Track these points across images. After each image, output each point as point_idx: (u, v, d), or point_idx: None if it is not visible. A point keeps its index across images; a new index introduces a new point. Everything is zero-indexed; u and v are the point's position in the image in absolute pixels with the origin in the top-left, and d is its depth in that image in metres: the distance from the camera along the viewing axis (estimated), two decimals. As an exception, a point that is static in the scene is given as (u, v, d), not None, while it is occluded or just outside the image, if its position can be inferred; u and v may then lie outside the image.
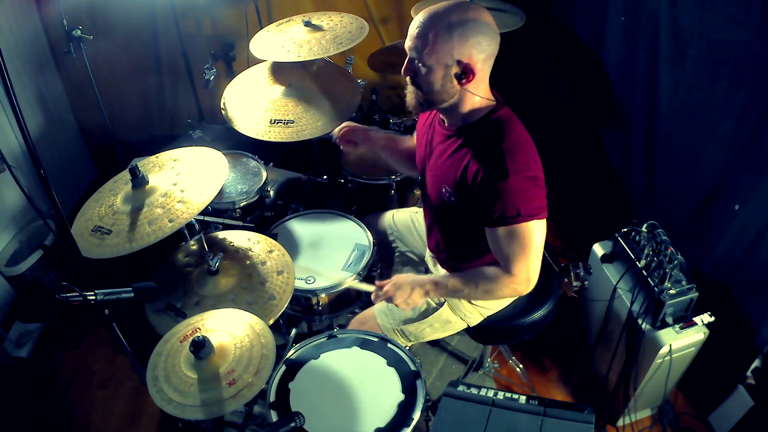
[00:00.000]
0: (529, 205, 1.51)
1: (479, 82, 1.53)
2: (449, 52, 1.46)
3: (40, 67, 3.07)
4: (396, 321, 1.91)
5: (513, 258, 1.57)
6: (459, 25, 1.44)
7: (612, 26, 2.45)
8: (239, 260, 1.90)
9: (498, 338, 2.07)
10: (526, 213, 1.51)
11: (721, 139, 1.99)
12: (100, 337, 2.71)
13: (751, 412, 1.99)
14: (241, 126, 2.24)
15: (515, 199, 1.50)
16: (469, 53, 1.46)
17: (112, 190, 1.78)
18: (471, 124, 1.59)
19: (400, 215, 2.22)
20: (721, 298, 2.07)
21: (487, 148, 1.54)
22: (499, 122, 1.56)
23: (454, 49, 1.45)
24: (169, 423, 2.33)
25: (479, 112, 1.58)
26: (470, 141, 1.58)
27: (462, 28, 1.44)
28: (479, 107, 1.58)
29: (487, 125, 1.57)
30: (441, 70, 1.49)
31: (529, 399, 1.52)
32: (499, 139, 1.53)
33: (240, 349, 1.50)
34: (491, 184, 1.50)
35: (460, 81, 1.51)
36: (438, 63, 1.48)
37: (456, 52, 1.46)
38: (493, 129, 1.56)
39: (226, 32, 3.22)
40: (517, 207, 1.50)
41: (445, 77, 1.50)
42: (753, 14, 1.74)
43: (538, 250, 1.58)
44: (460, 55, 1.46)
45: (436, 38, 1.45)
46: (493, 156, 1.51)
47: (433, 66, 1.48)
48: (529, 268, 1.58)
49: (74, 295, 1.32)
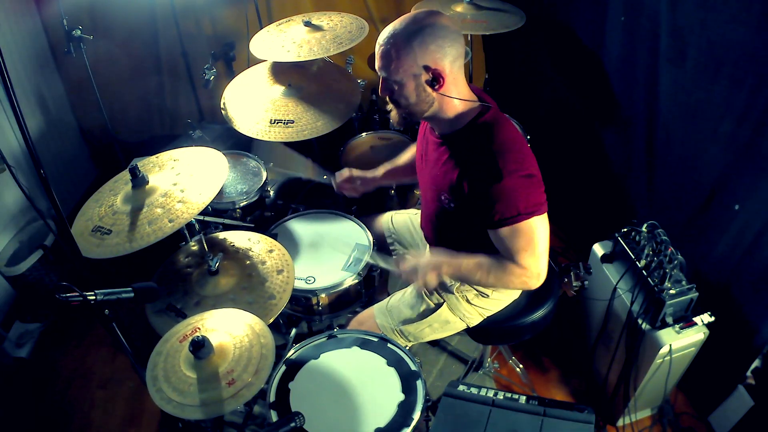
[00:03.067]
0: (528, 202, 1.51)
1: (452, 85, 1.54)
2: (414, 62, 1.48)
3: (40, 67, 3.07)
4: (395, 321, 1.91)
5: (520, 253, 1.58)
6: (417, 34, 1.46)
7: (612, 26, 2.45)
8: (239, 260, 1.90)
9: (498, 338, 2.07)
10: (526, 211, 1.51)
11: (721, 139, 1.99)
12: (100, 337, 2.71)
13: (751, 412, 1.99)
14: (241, 126, 2.24)
15: (513, 199, 1.50)
16: (433, 59, 1.48)
17: (112, 190, 1.79)
18: (459, 131, 1.59)
19: (399, 217, 2.22)
20: (721, 298, 2.07)
21: (477, 153, 1.54)
22: (486, 125, 1.57)
23: (417, 58, 1.47)
24: (169, 423, 2.33)
25: (465, 117, 1.58)
26: (460, 147, 1.59)
27: (420, 36, 1.46)
28: (464, 111, 1.58)
29: (475, 130, 1.57)
30: (412, 82, 1.51)
31: (529, 399, 1.52)
32: (489, 142, 1.53)
33: (239, 349, 1.50)
34: (486, 188, 1.51)
35: (434, 87, 1.52)
36: (406, 75, 1.50)
37: (420, 60, 1.48)
38: (481, 133, 1.56)
39: (226, 32, 3.22)
40: (517, 206, 1.51)
41: (418, 87, 1.52)
42: (753, 14, 1.74)
43: (544, 245, 1.58)
44: (425, 62, 1.48)
45: (399, 52, 1.48)
46: (484, 160, 1.51)
47: (403, 79, 1.51)
48: (537, 261, 1.59)
49: (74, 295, 1.32)
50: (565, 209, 3.05)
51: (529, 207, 1.51)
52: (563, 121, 3.03)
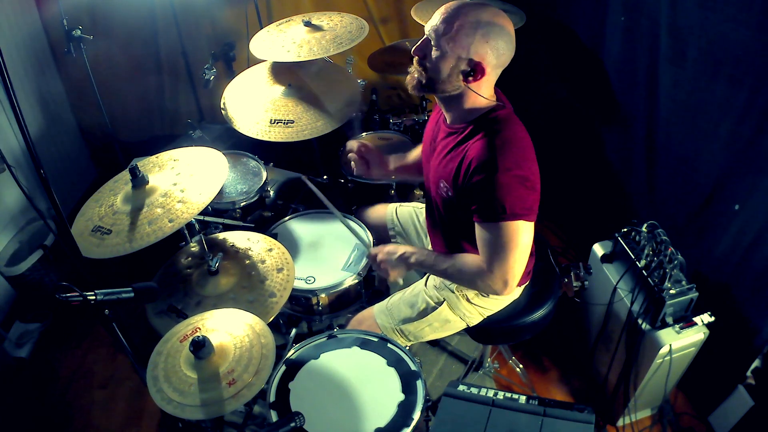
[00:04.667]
0: (515, 204, 1.49)
1: (484, 84, 1.55)
2: (467, 46, 1.48)
3: (40, 67, 3.07)
4: (395, 320, 1.91)
5: (492, 256, 1.56)
6: (486, 25, 1.47)
7: (612, 26, 2.45)
8: (239, 260, 1.90)
9: (498, 338, 2.06)
10: (512, 212, 1.49)
11: (721, 139, 1.99)
12: (100, 337, 2.71)
13: (751, 412, 1.99)
14: (241, 126, 2.24)
15: (501, 195, 1.48)
16: (484, 53, 1.48)
17: (112, 190, 1.79)
18: (470, 122, 1.60)
19: (404, 210, 2.21)
20: (721, 298, 2.07)
21: (480, 142, 1.54)
22: (497, 120, 1.57)
23: (473, 44, 1.47)
24: (169, 423, 2.33)
25: (480, 110, 1.59)
26: (468, 137, 1.59)
27: (487, 28, 1.47)
28: (480, 106, 1.59)
29: (485, 122, 1.58)
30: (452, 60, 1.50)
31: (529, 399, 1.52)
32: (493, 135, 1.53)
33: (240, 349, 1.50)
34: (479, 176, 1.50)
35: (466, 78, 1.52)
36: (453, 52, 1.49)
37: (473, 49, 1.48)
38: (489, 125, 1.56)
39: (226, 32, 3.22)
40: (503, 204, 1.48)
41: (454, 69, 1.51)
42: (753, 14, 1.74)
43: (521, 253, 1.55)
44: (475, 54, 1.48)
45: (461, 28, 1.47)
46: (484, 150, 1.51)
47: (448, 53, 1.50)
48: (507, 269, 1.56)
49: (74, 295, 1.32)
50: (565, 209, 3.06)
51: (515, 209, 1.49)
52: (563, 120, 3.03)
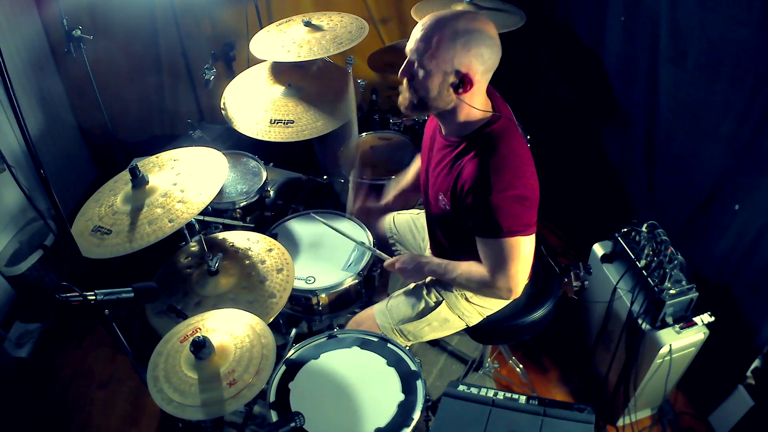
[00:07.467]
0: (512, 223, 1.49)
1: (476, 93, 1.52)
2: (450, 60, 1.44)
3: (40, 67, 3.07)
4: (395, 320, 1.91)
5: (494, 268, 1.59)
6: (464, 34, 1.42)
7: (612, 26, 2.45)
8: (239, 260, 1.90)
9: (498, 338, 2.06)
10: (509, 230, 1.50)
11: (721, 139, 1.99)
12: (100, 337, 2.71)
13: (751, 412, 1.99)
14: (241, 126, 2.24)
15: (497, 216, 1.49)
16: (469, 63, 1.45)
17: (112, 190, 1.79)
18: (465, 137, 1.58)
19: (401, 218, 2.22)
20: (721, 298, 2.07)
21: (473, 162, 1.52)
22: (492, 136, 1.54)
23: (455, 57, 1.44)
24: (169, 423, 2.33)
25: (475, 124, 1.57)
26: (463, 153, 1.57)
27: (467, 37, 1.42)
28: (475, 119, 1.56)
29: (481, 138, 1.55)
30: (439, 77, 1.47)
31: (529, 399, 1.52)
32: (489, 154, 1.51)
33: (240, 350, 1.50)
34: (473, 198, 1.51)
35: (457, 91, 1.49)
36: (437, 68, 1.46)
37: (457, 61, 1.44)
38: (485, 143, 1.54)
39: (226, 32, 3.22)
40: (499, 224, 1.49)
41: (442, 84, 1.48)
42: (753, 14, 1.75)
43: (523, 264, 1.58)
44: (460, 65, 1.45)
45: (440, 43, 1.43)
46: (477, 171, 1.50)
47: (432, 71, 1.46)
48: (509, 279, 1.59)
49: (74, 295, 1.32)
50: (565, 209, 3.06)
51: (513, 227, 1.50)
52: (563, 121, 3.03)
